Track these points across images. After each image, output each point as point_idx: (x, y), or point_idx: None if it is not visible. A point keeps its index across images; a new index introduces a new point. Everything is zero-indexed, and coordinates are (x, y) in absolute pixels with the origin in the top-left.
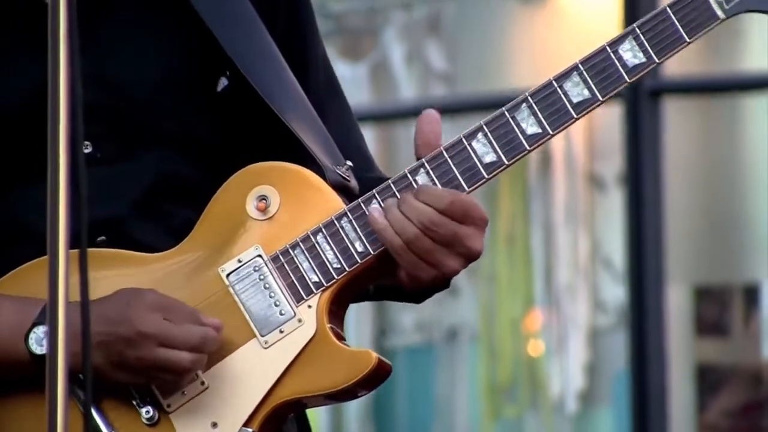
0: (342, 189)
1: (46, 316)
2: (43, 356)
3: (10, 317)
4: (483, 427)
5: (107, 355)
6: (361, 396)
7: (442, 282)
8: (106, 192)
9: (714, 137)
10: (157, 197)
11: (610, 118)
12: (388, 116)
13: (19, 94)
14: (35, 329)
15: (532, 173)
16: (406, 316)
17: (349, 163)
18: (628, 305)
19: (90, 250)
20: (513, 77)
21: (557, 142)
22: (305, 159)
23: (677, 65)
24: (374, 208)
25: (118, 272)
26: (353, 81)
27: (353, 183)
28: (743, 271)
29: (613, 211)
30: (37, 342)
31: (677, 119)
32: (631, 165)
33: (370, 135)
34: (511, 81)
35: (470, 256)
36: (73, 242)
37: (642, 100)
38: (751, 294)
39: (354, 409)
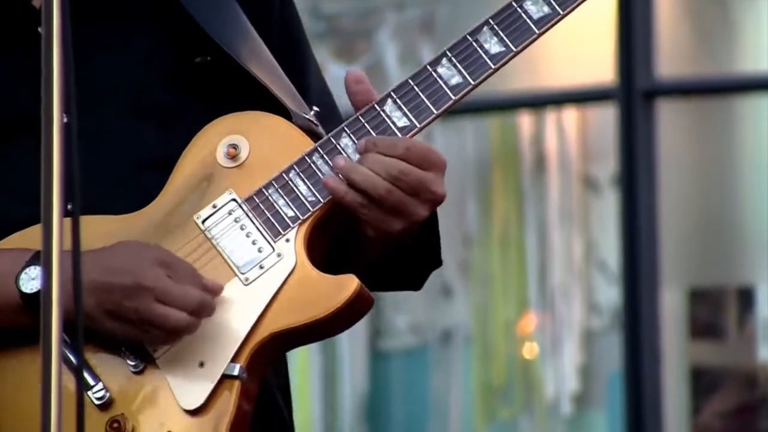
0: (310, 133)
1: (41, 258)
2: (32, 296)
3: (2, 261)
4: (477, 429)
5: (100, 303)
6: (348, 327)
7: (411, 231)
8: (83, 165)
9: (708, 139)
10: (139, 171)
11: (604, 119)
12: None
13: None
14: (26, 270)
15: (526, 175)
16: (401, 317)
17: (316, 108)
18: (623, 307)
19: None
20: (506, 77)
21: (551, 144)
22: (272, 109)
23: (671, 67)
24: (329, 178)
25: (98, 231)
26: None
27: (320, 129)
28: (737, 274)
29: (607, 213)
30: (27, 281)
31: (671, 121)
32: (625, 167)
33: None
34: (505, 81)
35: (436, 201)
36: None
37: (636, 102)
38: (745, 296)
39: (348, 409)
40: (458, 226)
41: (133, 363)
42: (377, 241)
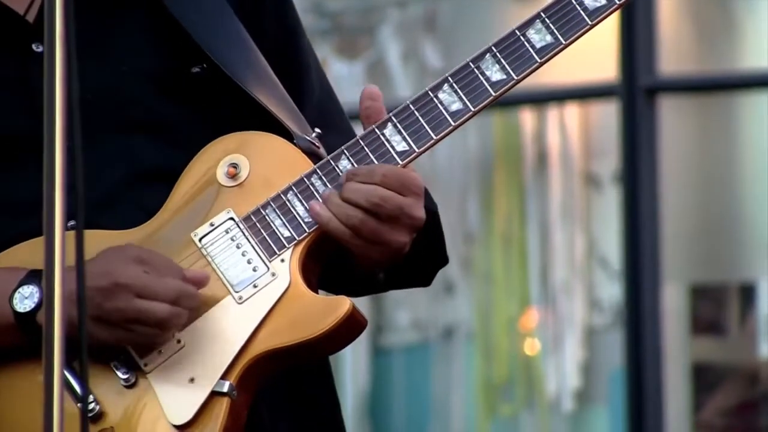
0: (311, 155)
1: (44, 278)
2: (25, 315)
3: None
4: (479, 425)
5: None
6: (341, 348)
7: (394, 256)
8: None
9: (710, 136)
10: (130, 184)
11: (606, 116)
12: None
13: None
14: (20, 289)
15: (528, 172)
16: (402, 314)
17: (318, 130)
18: (624, 304)
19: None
20: None
21: (553, 141)
22: (275, 130)
23: (673, 63)
24: (314, 203)
25: (94, 246)
26: (349, 79)
27: (322, 151)
28: (739, 270)
29: (609, 210)
30: (21, 300)
31: (673, 118)
32: (627, 163)
33: None
34: None
35: (414, 226)
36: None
37: (638, 99)
38: (747, 293)
39: (350, 406)
40: (460, 223)
41: (124, 377)
42: (364, 265)
